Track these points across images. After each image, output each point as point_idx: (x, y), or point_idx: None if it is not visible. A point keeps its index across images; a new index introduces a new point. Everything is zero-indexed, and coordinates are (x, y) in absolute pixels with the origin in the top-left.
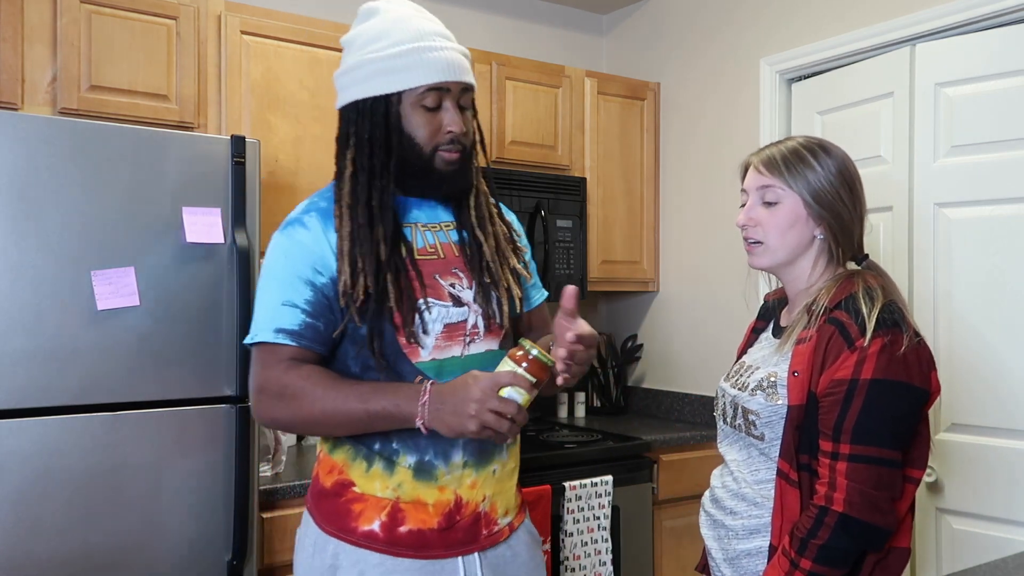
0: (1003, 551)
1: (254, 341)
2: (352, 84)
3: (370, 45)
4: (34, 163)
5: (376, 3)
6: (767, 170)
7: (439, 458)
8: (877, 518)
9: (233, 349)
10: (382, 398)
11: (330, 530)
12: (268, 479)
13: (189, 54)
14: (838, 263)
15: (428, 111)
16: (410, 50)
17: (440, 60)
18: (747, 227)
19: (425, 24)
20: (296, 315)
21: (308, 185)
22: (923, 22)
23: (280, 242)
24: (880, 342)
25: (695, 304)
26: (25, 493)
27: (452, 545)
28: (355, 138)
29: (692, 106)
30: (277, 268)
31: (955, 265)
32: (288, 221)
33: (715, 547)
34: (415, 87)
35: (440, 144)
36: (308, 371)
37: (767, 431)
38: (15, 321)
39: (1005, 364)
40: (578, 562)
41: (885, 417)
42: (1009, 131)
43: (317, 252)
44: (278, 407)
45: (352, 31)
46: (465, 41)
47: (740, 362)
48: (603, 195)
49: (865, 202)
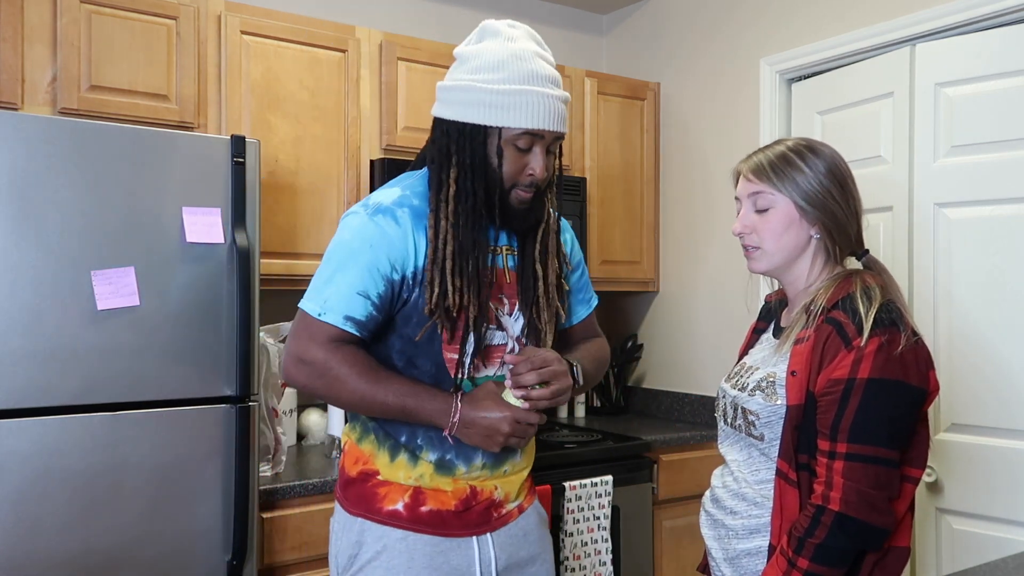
0: (1003, 551)
1: (322, 320)
2: (458, 103)
3: (484, 73)
4: (34, 163)
5: (499, 25)
6: (756, 177)
7: (460, 459)
8: (874, 517)
9: (233, 349)
10: (417, 400)
11: (357, 511)
12: (268, 479)
13: (189, 54)
14: (836, 261)
15: (518, 151)
16: (519, 91)
17: (543, 107)
18: (743, 234)
19: (539, 67)
20: (366, 306)
21: (308, 185)
22: (923, 22)
23: (368, 227)
24: (877, 341)
25: (695, 304)
26: (25, 493)
27: (468, 525)
28: (457, 158)
29: (692, 106)
30: (360, 254)
31: (955, 265)
32: (379, 207)
33: (715, 547)
34: (514, 128)
35: (519, 183)
36: (352, 355)
37: (766, 431)
38: (15, 321)
39: (1005, 364)
40: (578, 562)
41: (882, 416)
42: (1009, 131)
43: (400, 249)
44: (316, 381)
45: (469, 47)
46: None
47: (741, 363)
48: (603, 195)
49: (859, 198)
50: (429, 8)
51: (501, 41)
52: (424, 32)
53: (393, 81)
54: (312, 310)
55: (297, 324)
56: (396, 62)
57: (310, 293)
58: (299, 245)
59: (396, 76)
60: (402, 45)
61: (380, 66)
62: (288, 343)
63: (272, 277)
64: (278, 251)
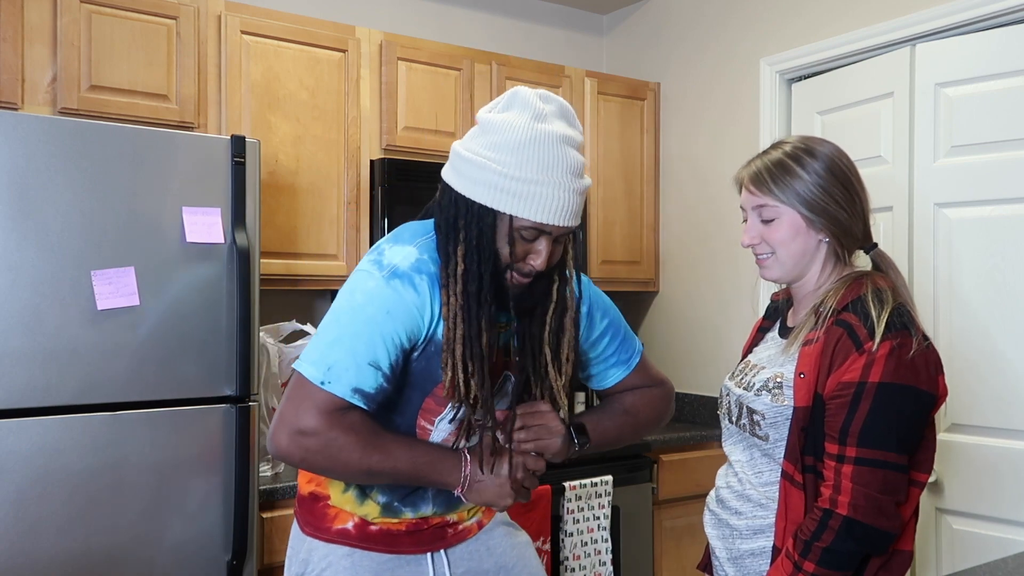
0: (1003, 551)
1: (326, 389)
2: (470, 180)
3: (502, 153)
4: (34, 163)
5: (530, 96)
6: (757, 188)
7: (408, 507)
8: (882, 522)
9: (233, 349)
10: (430, 461)
11: (308, 530)
12: (268, 479)
13: (189, 54)
14: (845, 262)
15: (523, 239)
16: (533, 181)
17: (557, 202)
18: (753, 246)
19: (561, 155)
20: (376, 378)
21: (308, 185)
22: (923, 22)
23: (385, 293)
24: (889, 345)
25: (695, 304)
26: (25, 493)
27: (420, 543)
28: (464, 234)
29: (692, 106)
30: (375, 322)
31: (955, 265)
32: (396, 272)
33: (719, 546)
34: (523, 219)
35: (517, 268)
36: (357, 423)
37: (772, 432)
38: (15, 321)
39: (1006, 364)
40: (578, 562)
41: (892, 421)
42: (1009, 131)
43: (417, 319)
44: (315, 457)
45: (493, 114)
46: (465, 41)
47: (745, 361)
48: (603, 195)
49: (865, 194)
50: (429, 8)
51: (527, 118)
52: (424, 32)
53: (393, 81)
54: (314, 377)
55: (293, 390)
56: (396, 62)
57: (311, 356)
58: (299, 245)
59: (396, 76)
60: (402, 45)
61: (380, 66)
62: (281, 410)
63: (272, 277)
64: (278, 251)
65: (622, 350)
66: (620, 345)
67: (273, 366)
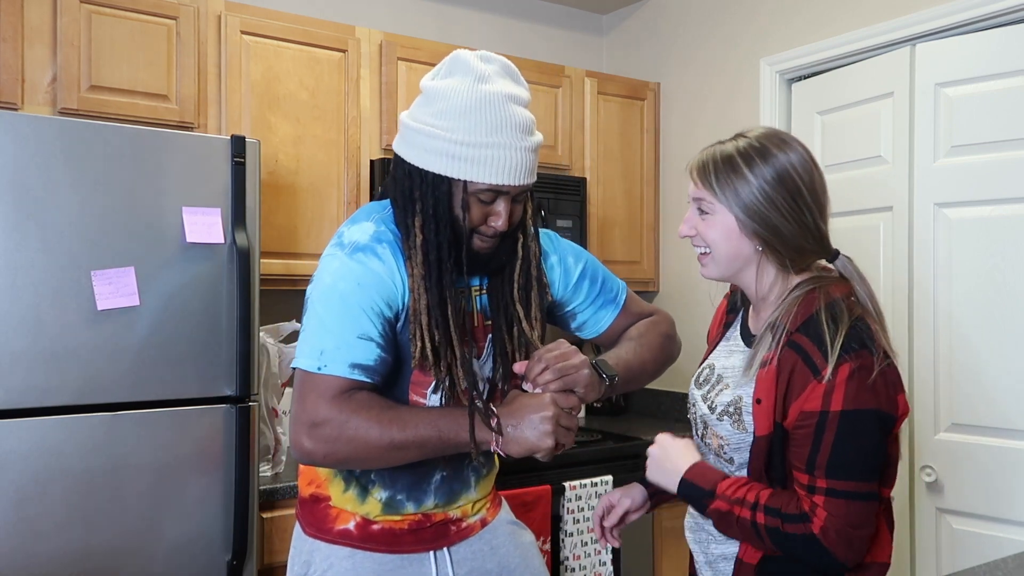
0: (1003, 551)
1: (325, 373)
2: (420, 149)
3: (448, 120)
4: (34, 163)
5: (469, 59)
6: (699, 179)
7: (410, 500)
8: (843, 553)
9: (233, 349)
10: (451, 423)
11: (310, 532)
12: (268, 479)
13: (189, 54)
14: (791, 271)
15: (482, 203)
16: (483, 144)
17: (509, 163)
18: (688, 236)
19: (509, 114)
20: (372, 350)
21: (308, 185)
22: (923, 22)
23: (351, 268)
24: (848, 368)
25: (695, 304)
26: (25, 493)
27: (423, 541)
28: (420, 204)
29: (692, 106)
30: (350, 296)
31: (955, 265)
32: (357, 246)
33: (697, 550)
34: (479, 182)
35: (480, 232)
36: (367, 402)
37: (736, 456)
38: (15, 321)
39: (1005, 364)
40: (578, 562)
41: (858, 450)
42: (1009, 131)
43: (390, 285)
44: (336, 445)
45: (436, 81)
46: (465, 41)
47: (710, 365)
48: (603, 195)
49: (818, 206)
50: (429, 8)
51: (470, 81)
52: (424, 32)
53: (393, 81)
54: (310, 366)
55: (298, 388)
56: (396, 62)
57: (302, 350)
58: (299, 245)
59: (396, 76)
60: (402, 45)
61: (380, 66)
62: (293, 412)
63: (272, 277)
64: (278, 251)
65: (606, 289)
66: (603, 285)
67: (273, 366)
